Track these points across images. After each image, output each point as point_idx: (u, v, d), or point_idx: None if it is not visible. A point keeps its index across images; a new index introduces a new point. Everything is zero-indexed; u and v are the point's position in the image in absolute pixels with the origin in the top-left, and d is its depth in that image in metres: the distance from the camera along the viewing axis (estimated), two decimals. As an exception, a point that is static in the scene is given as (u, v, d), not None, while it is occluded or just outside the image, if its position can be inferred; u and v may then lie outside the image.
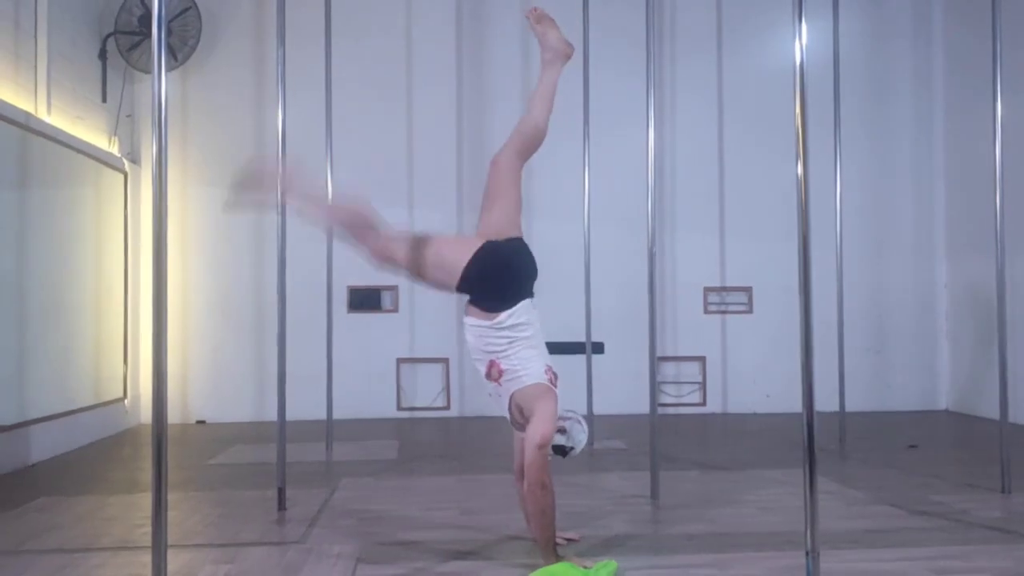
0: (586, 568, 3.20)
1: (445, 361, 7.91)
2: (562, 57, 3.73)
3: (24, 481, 5.14)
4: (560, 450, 3.38)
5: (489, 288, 3.37)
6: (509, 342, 3.35)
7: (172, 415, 6.96)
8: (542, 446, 3.22)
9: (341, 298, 7.56)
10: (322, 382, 6.16)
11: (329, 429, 6.11)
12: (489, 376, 3.42)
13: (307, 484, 4.86)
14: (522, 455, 3.40)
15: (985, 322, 7.48)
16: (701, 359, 8.20)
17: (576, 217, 6.62)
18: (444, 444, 6.60)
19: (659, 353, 6.86)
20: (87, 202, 6.61)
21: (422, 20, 8.09)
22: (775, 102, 7.41)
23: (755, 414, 8.04)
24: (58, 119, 6.30)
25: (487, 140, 8.07)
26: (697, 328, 8.19)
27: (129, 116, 7.65)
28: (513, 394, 3.35)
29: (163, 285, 2.51)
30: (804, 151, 2.81)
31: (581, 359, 6.45)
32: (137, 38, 7.28)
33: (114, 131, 7.35)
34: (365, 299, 7.82)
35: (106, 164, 6.93)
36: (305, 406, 6.62)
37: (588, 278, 6.33)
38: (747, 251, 8.19)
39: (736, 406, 8.17)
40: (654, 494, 4.46)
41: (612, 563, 3.23)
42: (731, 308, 8.23)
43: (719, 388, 8.21)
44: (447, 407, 7.92)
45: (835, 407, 6.44)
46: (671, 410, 7.97)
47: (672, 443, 6.19)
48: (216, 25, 7.82)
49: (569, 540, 3.65)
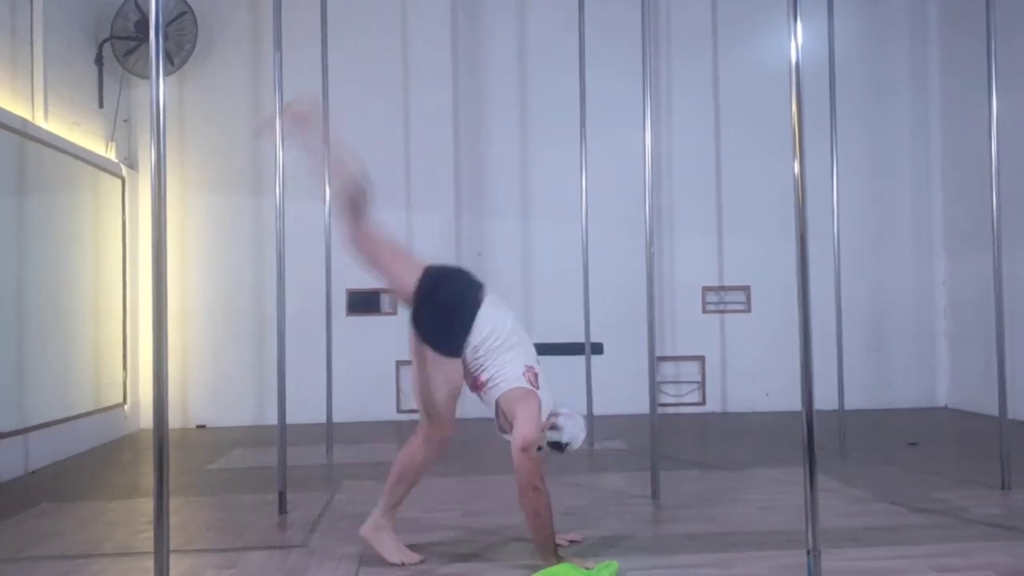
0: (588, 569, 3.20)
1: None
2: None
3: (25, 487, 5.14)
4: (556, 446, 3.38)
5: (437, 334, 3.40)
6: (483, 356, 3.37)
7: (172, 420, 6.92)
8: (525, 449, 3.22)
9: (340, 301, 7.55)
10: (322, 385, 6.17)
11: (329, 432, 6.11)
12: (474, 388, 3.45)
13: (308, 487, 4.86)
14: None
15: (983, 318, 7.49)
16: (700, 359, 8.21)
17: (574, 218, 6.62)
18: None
19: (658, 353, 6.86)
20: (85, 208, 6.61)
21: (418, 22, 8.09)
22: (772, 101, 7.39)
23: (755, 413, 8.05)
24: (55, 125, 6.30)
25: (484, 141, 8.09)
26: (696, 328, 8.20)
27: (126, 121, 7.65)
28: (498, 400, 3.37)
29: (163, 290, 2.51)
30: (801, 150, 2.82)
31: (580, 360, 6.45)
32: (133, 43, 7.28)
33: (111, 136, 7.35)
34: (364, 302, 7.82)
35: (104, 169, 6.94)
36: (305, 409, 6.62)
37: (587, 279, 6.33)
38: (745, 250, 8.20)
39: (736, 405, 8.18)
40: (655, 494, 4.47)
41: (614, 564, 3.24)
42: (730, 307, 8.24)
43: (718, 387, 8.22)
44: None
45: (834, 405, 6.44)
46: (671, 410, 7.97)
47: (672, 443, 6.20)
48: (212, 29, 7.82)
49: (572, 542, 3.65)
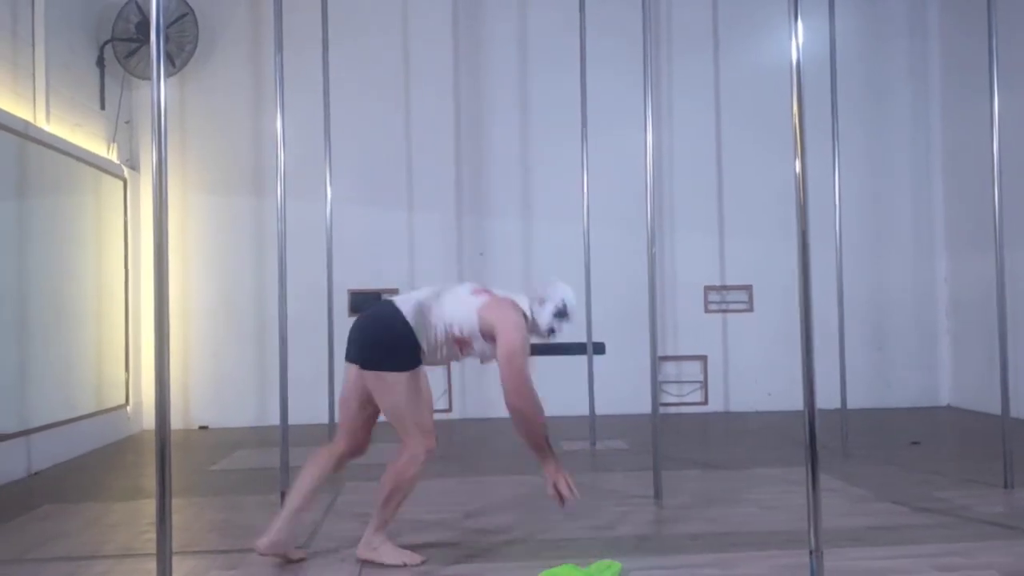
0: (589, 568, 3.20)
1: (447, 363, 7.88)
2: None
3: (28, 489, 5.15)
4: (559, 317, 3.33)
5: (388, 356, 3.30)
6: (436, 323, 3.30)
7: (174, 421, 6.96)
8: (510, 359, 3.10)
9: (342, 302, 7.56)
10: (324, 386, 6.16)
11: (332, 433, 6.10)
12: (465, 351, 3.35)
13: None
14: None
15: (985, 317, 7.48)
16: (702, 358, 8.21)
17: (575, 217, 6.63)
18: (446, 446, 6.58)
19: (660, 353, 6.85)
20: (87, 209, 6.62)
21: (418, 22, 8.09)
22: (772, 100, 7.37)
23: (757, 412, 8.04)
24: (57, 127, 6.31)
25: (485, 141, 8.09)
26: (698, 327, 8.19)
27: (128, 123, 7.66)
28: (485, 340, 3.27)
29: (165, 291, 2.52)
30: (802, 149, 2.82)
31: (582, 359, 6.45)
32: (134, 45, 7.28)
33: (113, 138, 7.36)
34: (366, 303, 7.77)
35: (105, 171, 6.94)
36: (307, 410, 6.62)
37: (588, 279, 6.32)
38: (747, 249, 8.20)
39: (738, 405, 8.18)
40: (657, 494, 4.47)
41: (616, 564, 3.24)
42: (732, 307, 8.24)
43: (720, 387, 8.21)
44: (449, 409, 7.92)
45: (837, 404, 6.44)
46: (673, 410, 7.97)
47: (674, 443, 6.20)
48: (213, 30, 7.82)
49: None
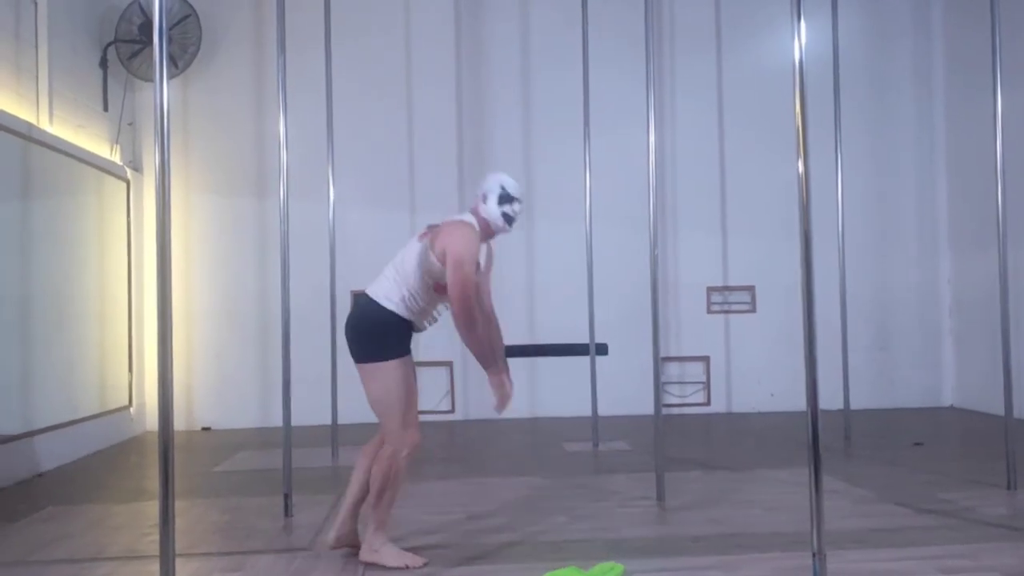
0: (592, 570, 3.20)
1: (449, 364, 7.90)
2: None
3: (31, 491, 5.16)
4: (504, 202, 3.39)
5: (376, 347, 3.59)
6: (414, 284, 3.41)
7: (177, 422, 6.96)
8: (457, 266, 3.22)
9: (344, 303, 7.55)
10: (327, 387, 6.17)
11: (334, 434, 6.11)
12: (442, 293, 3.44)
13: (313, 490, 4.86)
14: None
15: (989, 317, 7.47)
16: (705, 359, 8.20)
17: (578, 218, 6.62)
18: (449, 447, 6.60)
19: (663, 353, 6.84)
20: (90, 211, 6.63)
21: (420, 22, 8.09)
22: (775, 99, 7.36)
23: (759, 413, 8.03)
24: (60, 128, 6.32)
25: (487, 141, 8.08)
26: (701, 328, 8.18)
27: (131, 124, 7.66)
28: (433, 275, 3.39)
29: (167, 292, 2.52)
30: (805, 149, 2.82)
31: (585, 360, 6.45)
32: (137, 46, 7.29)
33: (116, 139, 7.36)
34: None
35: (108, 172, 6.95)
36: (310, 411, 6.61)
37: (591, 280, 6.32)
38: (749, 250, 8.19)
39: (740, 406, 8.17)
40: (659, 495, 4.46)
41: (619, 566, 3.24)
42: (734, 308, 8.23)
43: (723, 388, 8.20)
44: (451, 411, 7.92)
45: (839, 405, 6.44)
46: (675, 410, 7.96)
47: (677, 444, 6.19)
48: (216, 31, 7.83)
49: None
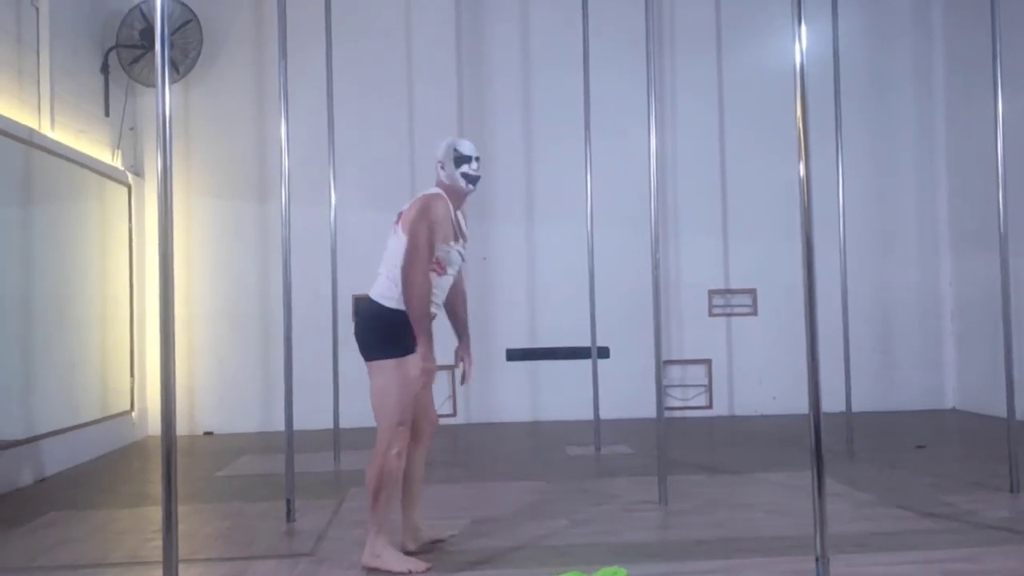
0: (595, 574, 3.20)
1: (450, 368, 7.89)
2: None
3: (34, 496, 5.16)
4: (460, 163, 3.51)
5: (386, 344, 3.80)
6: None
7: (179, 427, 6.95)
8: (412, 237, 3.40)
9: (346, 307, 7.55)
10: (328, 391, 6.17)
11: (336, 438, 6.12)
12: (448, 260, 3.58)
13: (316, 495, 4.87)
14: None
15: (991, 319, 7.47)
16: (707, 362, 8.19)
17: (579, 220, 6.62)
18: (452, 451, 6.60)
19: (664, 356, 6.85)
20: (91, 216, 6.64)
21: (421, 23, 8.09)
22: (776, 101, 7.39)
23: (762, 416, 8.03)
24: (61, 134, 6.32)
25: (488, 145, 8.06)
26: (702, 331, 8.18)
27: (132, 129, 7.67)
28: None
29: (170, 297, 2.52)
30: (806, 151, 2.82)
31: (587, 364, 6.45)
32: (139, 51, 7.30)
33: (117, 144, 7.38)
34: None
35: (110, 177, 6.96)
36: (312, 415, 6.62)
37: (592, 282, 6.32)
38: (751, 252, 8.18)
39: (742, 408, 8.16)
40: (662, 499, 4.46)
41: (621, 571, 3.24)
42: (736, 310, 8.22)
43: (725, 391, 8.20)
44: (453, 414, 7.92)
45: (841, 407, 6.43)
46: (677, 413, 7.96)
47: (679, 447, 6.19)
48: (216, 36, 7.84)
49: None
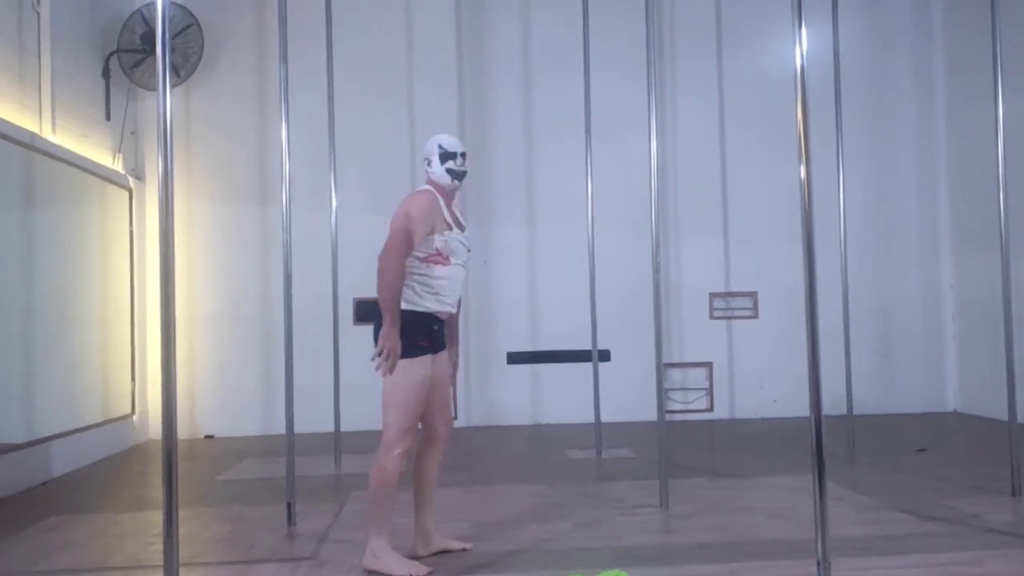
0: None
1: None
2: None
3: (35, 500, 5.16)
4: (447, 160, 3.77)
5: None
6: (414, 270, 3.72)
7: (180, 430, 6.93)
8: (392, 230, 3.59)
9: (347, 310, 7.56)
10: (330, 394, 6.18)
11: (337, 442, 6.12)
12: (443, 249, 3.78)
13: (317, 498, 4.87)
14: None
15: (992, 321, 7.46)
16: (708, 365, 8.19)
17: (580, 223, 6.62)
18: (453, 454, 6.57)
19: (665, 359, 6.85)
20: (92, 219, 6.64)
21: (422, 26, 8.09)
22: (776, 104, 7.38)
23: (762, 419, 8.02)
24: (63, 138, 6.33)
25: (488, 149, 8.08)
26: (703, 334, 8.17)
27: (133, 133, 7.68)
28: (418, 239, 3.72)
29: (171, 300, 2.52)
30: (806, 154, 2.83)
31: (587, 367, 6.44)
32: (140, 56, 7.31)
33: (118, 148, 7.38)
34: (371, 311, 7.78)
35: (111, 181, 6.96)
36: (313, 418, 6.62)
37: (593, 285, 6.32)
38: (751, 255, 8.18)
39: (743, 411, 8.16)
40: (663, 502, 4.46)
41: (623, 574, 3.23)
42: (737, 313, 8.22)
43: (726, 393, 8.19)
44: (455, 418, 7.88)
45: (843, 410, 6.42)
46: (679, 417, 7.95)
47: (680, 450, 6.19)
48: (217, 40, 7.85)
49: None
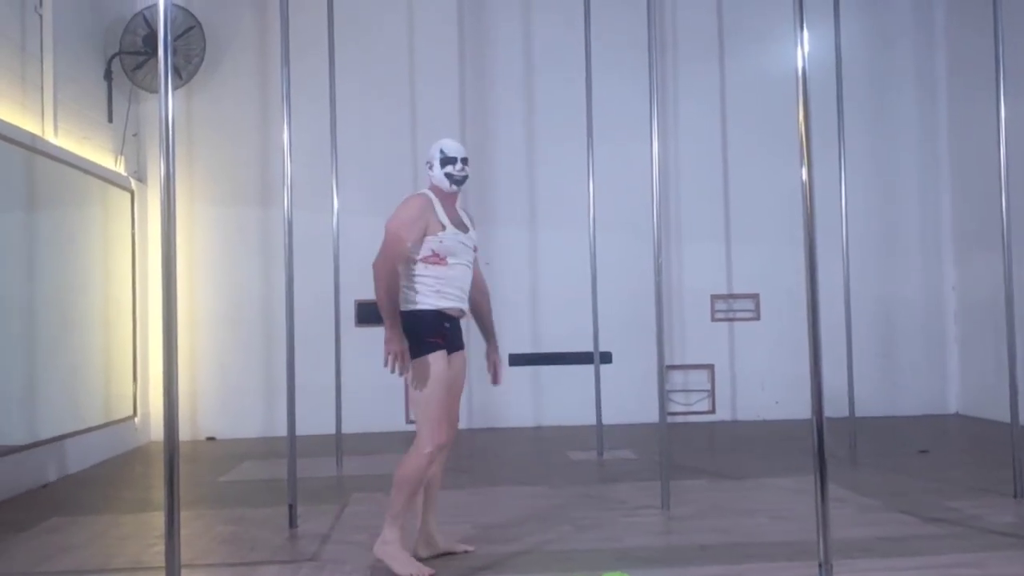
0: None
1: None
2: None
3: (37, 501, 5.16)
4: (447, 164, 3.87)
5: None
6: (420, 271, 3.82)
7: (182, 432, 6.90)
8: (387, 232, 3.68)
9: (349, 312, 7.56)
10: (331, 396, 6.17)
11: (339, 443, 6.11)
12: (439, 248, 3.84)
13: (318, 500, 4.87)
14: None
15: (994, 323, 7.45)
16: (709, 367, 8.18)
17: (581, 225, 6.61)
18: (455, 456, 6.54)
19: (667, 362, 6.84)
20: (94, 221, 6.65)
21: (424, 27, 8.09)
22: (778, 106, 7.39)
23: (764, 421, 8.01)
24: (65, 140, 6.34)
25: (490, 151, 8.08)
26: (705, 336, 8.17)
27: (135, 135, 7.69)
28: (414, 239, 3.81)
29: (172, 302, 2.53)
30: (809, 156, 2.83)
31: (589, 369, 6.44)
32: (142, 58, 7.32)
33: (120, 150, 7.39)
34: (373, 313, 7.75)
35: (113, 183, 6.97)
36: (314, 420, 6.61)
37: (595, 287, 6.32)
38: (753, 257, 8.18)
39: (745, 413, 8.15)
40: (665, 504, 4.46)
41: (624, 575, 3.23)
42: (739, 315, 8.21)
43: (728, 395, 8.19)
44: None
45: (844, 412, 6.42)
46: (680, 418, 7.95)
47: (682, 452, 6.18)
48: (219, 42, 7.85)
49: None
